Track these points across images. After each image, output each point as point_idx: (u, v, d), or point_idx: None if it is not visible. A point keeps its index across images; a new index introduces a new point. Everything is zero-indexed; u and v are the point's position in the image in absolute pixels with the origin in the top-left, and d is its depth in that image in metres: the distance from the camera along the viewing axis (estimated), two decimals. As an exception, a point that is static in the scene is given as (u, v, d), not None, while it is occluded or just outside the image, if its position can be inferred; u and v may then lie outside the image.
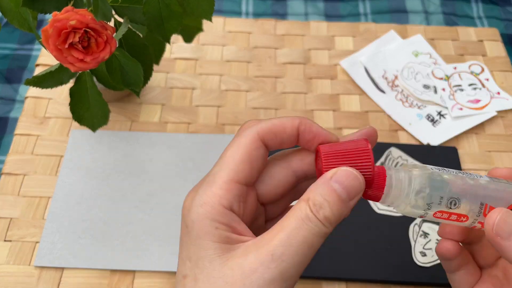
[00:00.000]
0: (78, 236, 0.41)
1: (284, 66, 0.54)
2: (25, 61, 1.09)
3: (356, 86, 0.53)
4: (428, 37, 0.57)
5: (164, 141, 0.47)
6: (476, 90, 0.52)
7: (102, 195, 0.43)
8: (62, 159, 0.45)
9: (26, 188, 0.44)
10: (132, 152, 0.46)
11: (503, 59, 0.55)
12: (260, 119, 0.24)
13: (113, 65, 0.37)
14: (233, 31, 0.57)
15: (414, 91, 0.52)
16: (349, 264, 0.40)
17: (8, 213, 0.42)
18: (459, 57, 0.56)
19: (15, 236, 0.41)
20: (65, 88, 0.50)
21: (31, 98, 0.50)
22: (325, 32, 0.58)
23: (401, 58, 0.55)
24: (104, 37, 0.31)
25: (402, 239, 0.41)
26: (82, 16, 0.30)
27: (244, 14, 1.17)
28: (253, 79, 0.53)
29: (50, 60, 0.52)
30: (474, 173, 0.24)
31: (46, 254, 0.40)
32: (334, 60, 0.55)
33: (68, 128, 0.48)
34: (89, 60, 0.31)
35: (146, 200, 0.43)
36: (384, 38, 0.57)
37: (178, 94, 0.51)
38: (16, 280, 0.39)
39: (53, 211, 0.42)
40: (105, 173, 0.44)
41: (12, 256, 0.40)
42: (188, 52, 0.55)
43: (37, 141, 0.47)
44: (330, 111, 0.50)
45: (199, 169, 0.45)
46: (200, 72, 0.53)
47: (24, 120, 0.48)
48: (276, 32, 0.57)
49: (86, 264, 0.40)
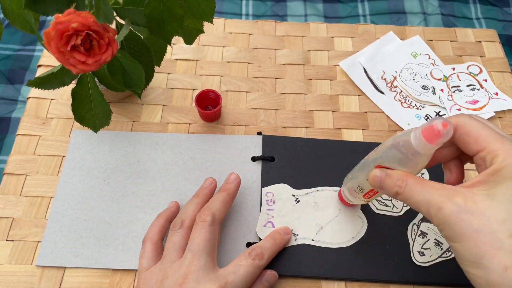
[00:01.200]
0: (79, 236, 0.41)
1: (284, 67, 0.55)
2: (27, 62, 1.10)
3: (355, 87, 0.53)
4: (426, 38, 0.58)
5: (165, 141, 0.47)
6: (474, 91, 0.53)
7: (104, 195, 0.44)
8: (63, 159, 0.46)
9: (28, 188, 0.44)
10: (133, 152, 0.46)
11: (501, 60, 0.56)
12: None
13: (114, 66, 0.38)
14: (233, 32, 0.57)
15: (412, 92, 0.52)
16: (348, 264, 0.40)
17: (10, 213, 0.43)
18: (458, 58, 0.56)
19: (17, 236, 0.42)
20: (67, 89, 0.51)
21: (33, 99, 0.50)
22: (324, 33, 0.58)
23: (400, 59, 0.55)
24: (106, 39, 0.31)
25: (400, 238, 0.42)
26: (84, 19, 0.30)
27: (244, 15, 1.18)
28: (253, 80, 0.53)
29: (52, 61, 0.52)
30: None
31: (48, 254, 0.40)
32: (333, 61, 0.55)
33: (70, 129, 0.48)
34: (91, 62, 0.31)
35: (147, 200, 0.44)
36: (383, 39, 0.57)
37: (179, 94, 0.51)
38: (18, 279, 0.39)
39: (55, 210, 0.43)
40: (106, 173, 0.45)
41: (14, 255, 0.40)
42: (188, 53, 0.55)
43: (39, 142, 0.47)
44: (330, 111, 0.51)
45: (200, 169, 0.45)
46: (200, 73, 0.53)
47: (26, 121, 0.48)
48: (276, 33, 0.58)
49: (87, 263, 0.40)
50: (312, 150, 0.47)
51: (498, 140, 0.28)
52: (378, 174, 0.31)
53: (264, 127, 0.49)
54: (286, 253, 0.41)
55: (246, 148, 0.47)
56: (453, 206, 0.27)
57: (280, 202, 0.43)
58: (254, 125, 0.49)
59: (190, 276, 0.34)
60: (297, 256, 0.41)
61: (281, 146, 0.47)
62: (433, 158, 0.32)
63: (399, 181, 0.30)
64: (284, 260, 0.40)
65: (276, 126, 0.49)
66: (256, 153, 0.46)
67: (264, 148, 0.47)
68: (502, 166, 0.27)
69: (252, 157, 0.46)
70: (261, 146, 0.47)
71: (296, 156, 0.46)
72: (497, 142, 0.28)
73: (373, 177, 0.32)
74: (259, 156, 0.46)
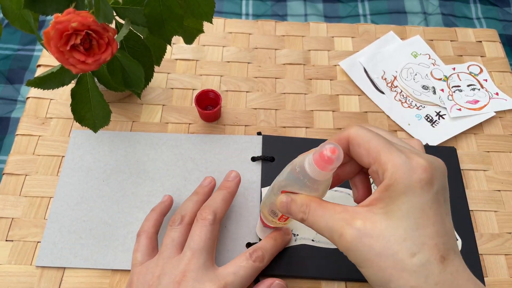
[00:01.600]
0: (79, 236, 0.41)
1: (284, 67, 0.54)
2: (26, 61, 1.10)
3: (356, 87, 0.53)
4: (427, 38, 0.58)
5: (165, 142, 0.47)
6: (474, 90, 0.53)
7: (103, 195, 0.44)
8: (63, 159, 0.46)
9: (28, 188, 0.44)
10: (133, 153, 0.46)
11: (502, 59, 0.56)
12: None
13: (114, 66, 0.38)
14: (233, 32, 0.57)
15: (413, 91, 0.52)
16: (348, 264, 0.40)
17: (10, 213, 0.43)
18: (458, 58, 0.56)
19: (16, 236, 0.41)
20: (67, 89, 0.50)
21: (32, 99, 0.50)
22: (324, 33, 0.58)
23: (400, 59, 0.55)
24: (106, 39, 0.31)
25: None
26: (83, 18, 0.30)
27: (244, 15, 1.18)
28: (253, 80, 0.53)
29: (51, 61, 0.52)
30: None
31: (47, 254, 0.40)
32: (333, 61, 0.55)
33: (69, 129, 0.48)
34: (91, 62, 0.31)
35: (146, 200, 0.43)
36: (383, 39, 0.57)
37: (179, 94, 0.51)
38: (18, 279, 0.39)
39: (54, 211, 0.42)
40: (106, 173, 0.45)
41: (14, 256, 0.40)
42: (188, 53, 0.55)
43: (38, 142, 0.47)
44: (330, 111, 0.51)
45: (199, 170, 0.45)
46: (200, 73, 0.53)
47: (26, 121, 0.48)
48: (276, 33, 0.58)
49: (87, 264, 0.40)
50: (312, 150, 0.46)
51: (386, 151, 0.26)
52: (284, 200, 0.30)
53: (264, 127, 0.49)
54: (287, 254, 0.40)
55: (246, 148, 0.47)
56: (353, 231, 0.25)
57: None
58: (254, 125, 0.49)
59: (188, 274, 0.33)
60: (298, 256, 0.40)
61: (281, 146, 0.47)
62: (335, 177, 0.31)
63: (302, 207, 0.29)
64: (284, 260, 0.40)
65: (276, 126, 0.49)
66: (256, 153, 0.46)
67: (264, 148, 0.46)
68: (393, 181, 0.25)
69: (252, 157, 0.46)
70: (261, 146, 0.47)
71: (296, 156, 0.46)
72: (385, 154, 0.26)
73: (280, 203, 0.30)
74: (259, 156, 0.46)
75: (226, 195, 0.39)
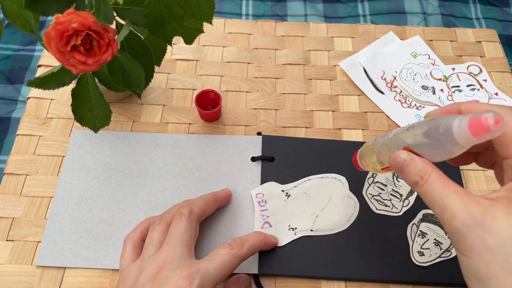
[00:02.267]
0: (79, 236, 0.41)
1: (284, 67, 0.55)
2: (27, 62, 1.10)
3: (355, 87, 0.53)
4: (426, 38, 0.58)
5: (165, 142, 0.47)
6: (474, 91, 0.53)
7: (103, 195, 0.44)
8: (63, 159, 0.46)
9: (28, 188, 0.44)
10: (133, 153, 0.46)
11: (501, 60, 0.56)
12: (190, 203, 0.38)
13: (114, 66, 0.38)
14: (233, 32, 0.57)
15: (412, 92, 0.52)
16: (347, 264, 0.40)
17: (10, 213, 0.43)
18: (457, 58, 0.56)
19: (17, 236, 0.42)
20: (67, 89, 0.51)
21: (33, 99, 0.50)
22: (324, 33, 0.58)
23: (400, 59, 0.55)
24: (106, 40, 0.31)
25: (400, 238, 0.42)
26: (84, 19, 0.30)
27: (244, 15, 1.18)
28: (253, 80, 0.53)
29: (52, 61, 0.52)
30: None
31: (47, 254, 0.40)
32: (333, 61, 0.55)
33: (70, 129, 0.48)
34: (91, 62, 0.31)
35: (147, 200, 0.44)
36: (383, 39, 0.57)
37: (179, 94, 0.51)
38: (18, 279, 0.39)
39: (55, 211, 0.43)
40: (106, 173, 0.45)
41: (14, 255, 0.41)
42: (188, 53, 0.55)
43: (39, 142, 0.47)
44: (330, 111, 0.51)
45: (200, 170, 0.45)
46: (200, 73, 0.53)
47: (26, 121, 0.48)
48: (276, 33, 0.58)
49: (87, 263, 0.40)
50: (312, 150, 0.47)
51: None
52: (402, 157, 0.29)
53: (264, 127, 0.49)
54: (287, 253, 0.41)
55: (246, 148, 0.47)
56: (469, 218, 0.25)
57: (272, 201, 0.43)
58: (254, 125, 0.49)
59: (165, 266, 0.33)
60: (297, 256, 0.41)
61: (280, 146, 0.47)
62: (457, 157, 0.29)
63: (422, 171, 0.27)
64: (284, 260, 0.40)
65: (276, 126, 0.49)
66: (256, 153, 0.46)
67: (264, 148, 0.47)
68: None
69: (252, 157, 0.46)
70: (261, 146, 0.47)
71: (296, 156, 0.46)
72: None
73: (395, 159, 0.29)
74: (258, 156, 0.46)
75: (210, 198, 0.40)
